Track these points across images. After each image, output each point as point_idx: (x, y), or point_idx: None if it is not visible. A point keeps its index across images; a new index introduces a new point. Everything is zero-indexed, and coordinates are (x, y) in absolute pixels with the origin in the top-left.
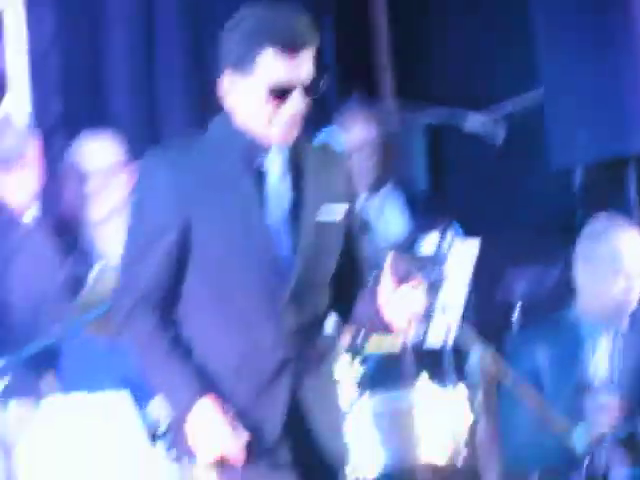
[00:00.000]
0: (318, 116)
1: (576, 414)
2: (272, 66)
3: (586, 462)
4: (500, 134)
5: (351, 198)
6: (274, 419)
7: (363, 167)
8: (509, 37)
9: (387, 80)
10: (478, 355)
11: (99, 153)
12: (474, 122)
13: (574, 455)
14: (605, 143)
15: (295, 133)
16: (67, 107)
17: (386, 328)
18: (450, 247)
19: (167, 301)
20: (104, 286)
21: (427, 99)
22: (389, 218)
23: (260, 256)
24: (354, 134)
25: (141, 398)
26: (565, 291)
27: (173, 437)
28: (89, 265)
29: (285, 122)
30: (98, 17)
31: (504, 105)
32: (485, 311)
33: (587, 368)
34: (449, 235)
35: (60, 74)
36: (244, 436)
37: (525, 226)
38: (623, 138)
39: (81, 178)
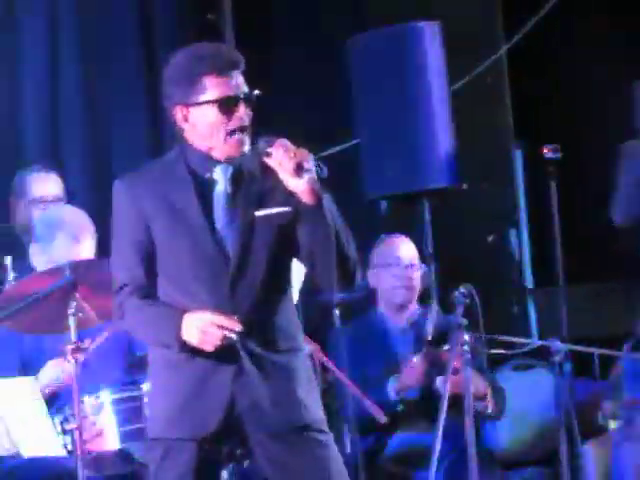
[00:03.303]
0: None
1: (383, 394)
2: (215, 88)
3: (399, 408)
4: (325, 171)
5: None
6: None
7: None
8: (334, 99)
9: None
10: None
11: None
12: None
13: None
14: (405, 180)
15: (245, 146)
16: None
17: None
18: None
19: (145, 289)
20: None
21: None
22: None
23: (203, 248)
24: None
25: None
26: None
27: None
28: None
29: (236, 132)
30: (12, 71)
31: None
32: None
33: (394, 357)
34: None
35: None
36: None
37: None
38: (418, 177)
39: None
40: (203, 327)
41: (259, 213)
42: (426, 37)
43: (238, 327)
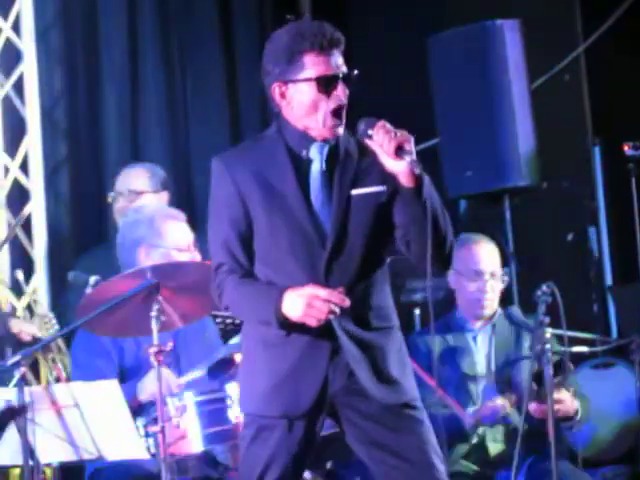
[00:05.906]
0: None
1: (463, 397)
2: (315, 66)
3: (474, 440)
4: None
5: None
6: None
7: None
8: (413, 98)
9: None
10: None
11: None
12: None
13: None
14: (486, 179)
15: (341, 126)
16: (70, 149)
17: None
18: None
19: (244, 268)
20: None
21: None
22: None
23: (300, 227)
24: None
25: None
26: (453, 297)
27: None
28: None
29: (333, 111)
30: (95, 74)
31: None
32: None
33: (472, 359)
34: None
35: (65, 121)
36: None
37: None
38: (498, 176)
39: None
40: (308, 300)
41: (355, 192)
42: (506, 35)
43: (344, 300)
